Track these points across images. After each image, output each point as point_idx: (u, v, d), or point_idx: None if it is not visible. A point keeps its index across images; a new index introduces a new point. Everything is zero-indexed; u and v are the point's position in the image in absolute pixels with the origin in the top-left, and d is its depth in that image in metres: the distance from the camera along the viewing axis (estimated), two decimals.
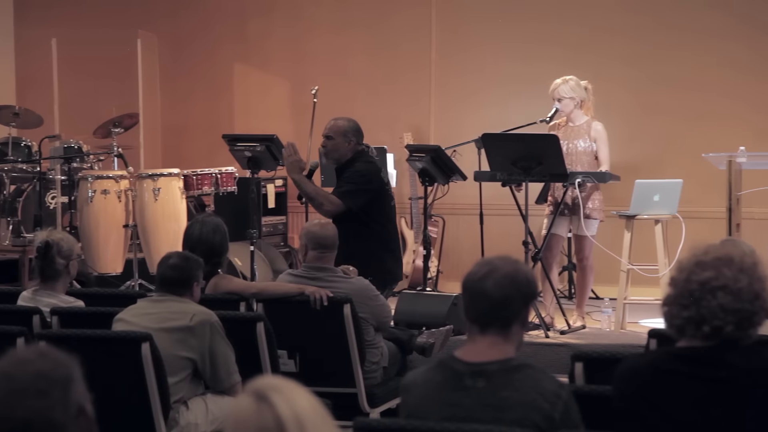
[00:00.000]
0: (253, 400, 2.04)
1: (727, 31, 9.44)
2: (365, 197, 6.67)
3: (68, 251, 5.33)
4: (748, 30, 9.41)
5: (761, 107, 9.30)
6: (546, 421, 2.96)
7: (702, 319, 2.93)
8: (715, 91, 9.43)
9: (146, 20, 10.84)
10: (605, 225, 7.96)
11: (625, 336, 7.65)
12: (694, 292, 2.94)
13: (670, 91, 9.53)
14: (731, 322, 2.92)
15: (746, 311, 2.92)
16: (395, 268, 6.88)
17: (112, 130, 9.62)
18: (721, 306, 2.91)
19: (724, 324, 2.91)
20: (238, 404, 2.07)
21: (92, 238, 8.73)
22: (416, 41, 10.22)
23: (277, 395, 2.04)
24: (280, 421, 2.01)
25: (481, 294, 3.08)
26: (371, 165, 6.86)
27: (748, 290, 2.93)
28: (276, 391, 2.05)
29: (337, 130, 6.83)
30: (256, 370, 5.02)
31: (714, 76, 9.45)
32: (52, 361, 2.16)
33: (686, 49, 9.51)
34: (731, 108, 9.38)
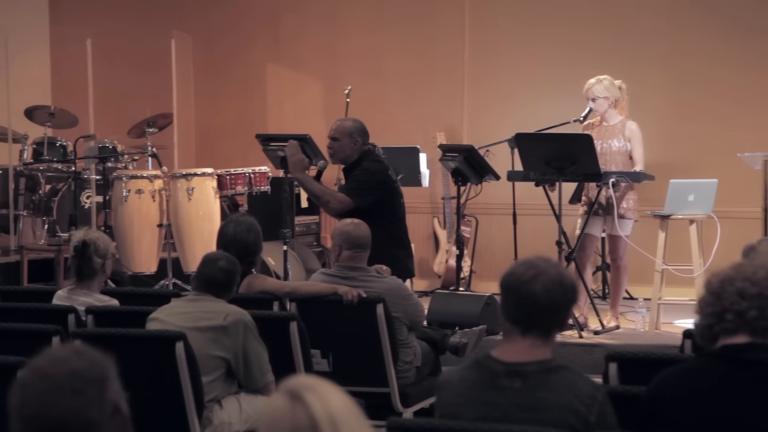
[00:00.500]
0: (287, 400, 2.04)
1: (761, 30, 9.37)
2: (374, 195, 6.64)
3: (104, 250, 5.36)
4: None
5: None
6: (581, 423, 2.94)
7: (723, 309, 2.94)
8: (751, 90, 9.37)
9: (180, 20, 10.89)
10: (639, 225, 7.92)
11: (659, 336, 7.61)
12: (715, 290, 2.96)
13: (704, 91, 9.48)
14: (753, 307, 2.91)
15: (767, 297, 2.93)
16: (409, 263, 6.86)
17: (146, 130, 9.68)
18: (740, 291, 2.92)
19: (746, 309, 2.91)
20: (272, 403, 2.07)
21: (126, 237, 8.78)
22: (450, 41, 10.21)
23: (311, 394, 2.04)
24: (314, 420, 2.01)
25: (528, 297, 3.05)
26: (379, 163, 6.85)
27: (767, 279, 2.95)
28: (310, 391, 2.04)
29: (342, 131, 6.80)
30: (290, 370, 5.03)
31: (749, 76, 9.39)
32: (88, 359, 2.17)
33: (720, 49, 9.46)
34: (767, 107, 9.31)
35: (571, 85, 8.69)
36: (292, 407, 2.02)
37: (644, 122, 8.18)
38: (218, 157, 10.53)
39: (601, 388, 3.07)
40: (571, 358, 7.08)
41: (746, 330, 2.92)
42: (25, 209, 9.54)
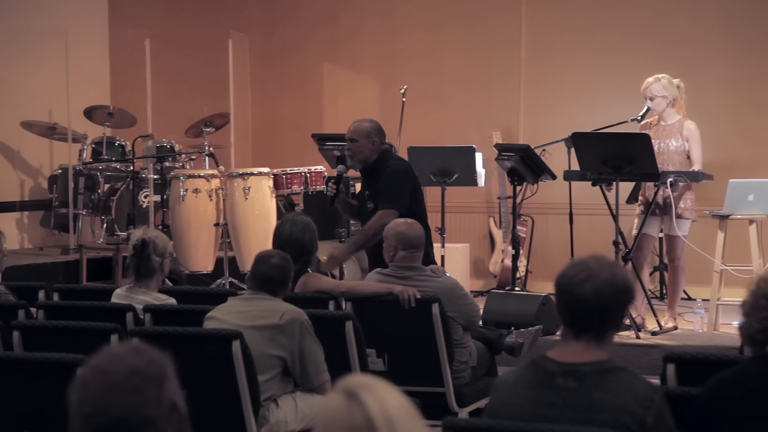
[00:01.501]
0: (344, 399, 2.04)
1: None
2: (407, 194, 6.63)
3: (163, 249, 5.41)
4: None
5: None
6: (638, 424, 2.91)
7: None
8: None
9: (238, 20, 10.95)
10: (698, 225, 7.85)
11: (718, 337, 7.53)
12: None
13: (763, 90, 9.36)
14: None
15: None
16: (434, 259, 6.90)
17: (203, 130, 9.75)
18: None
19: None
20: (329, 402, 2.07)
21: (184, 236, 8.85)
22: (506, 44, 10.17)
23: (367, 394, 2.04)
24: (370, 419, 2.01)
25: (578, 301, 3.03)
26: (402, 161, 6.86)
27: None
28: (366, 390, 2.05)
29: (360, 132, 6.74)
30: (345, 369, 5.04)
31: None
32: (146, 357, 2.19)
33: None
34: None
35: (629, 90, 8.63)
36: (348, 406, 2.03)
37: (703, 121, 8.10)
38: (274, 157, 10.58)
39: (658, 389, 3.04)
40: (628, 358, 7.03)
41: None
42: (84, 208, 9.65)
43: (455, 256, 9.37)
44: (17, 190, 10.31)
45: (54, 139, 10.10)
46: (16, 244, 10.16)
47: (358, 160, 6.73)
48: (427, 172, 8.48)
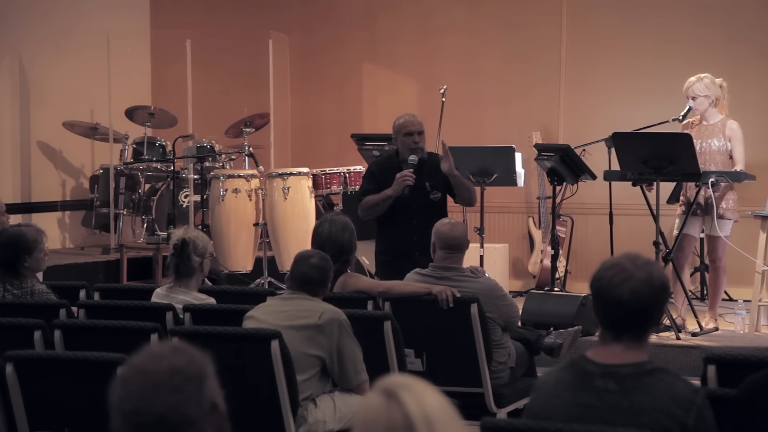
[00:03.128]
0: (383, 398, 2.04)
1: None
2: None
3: (203, 249, 5.44)
4: None
5: None
6: (679, 426, 2.89)
7: None
8: None
9: (277, 21, 10.97)
10: (739, 225, 7.79)
11: (759, 339, 7.48)
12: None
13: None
14: None
15: None
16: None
17: (243, 130, 9.78)
18: None
19: None
20: (368, 402, 2.07)
21: (223, 236, 8.89)
22: (547, 40, 10.14)
23: (406, 393, 2.04)
24: (409, 419, 2.01)
25: (617, 303, 3.00)
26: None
27: None
28: (405, 390, 2.05)
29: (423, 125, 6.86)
30: (384, 369, 5.04)
31: None
32: (186, 357, 2.20)
33: None
34: None
35: (669, 93, 8.58)
36: (387, 406, 2.03)
37: (745, 121, 8.04)
38: (314, 157, 10.60)
39: (700, 391, 3.01)
40: (668, 359, 6.99)
41: None
42: (125, 208, 9.71)
43: (494, 256, 9.35)
44: (59, 190, 10.39)
45: (95, 139, 10.17)
46: (57, 244, 10.25)
47: (424, 152, 6.81)
48: (467, 171, 8.45)
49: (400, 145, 6.82)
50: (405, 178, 6.63)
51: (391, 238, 6.77)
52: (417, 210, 6.69)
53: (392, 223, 6.76)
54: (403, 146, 6.79)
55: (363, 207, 6.79)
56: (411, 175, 6.64)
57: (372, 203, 6.74)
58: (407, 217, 6.71)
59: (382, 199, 6.70)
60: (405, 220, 6.71)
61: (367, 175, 6.95)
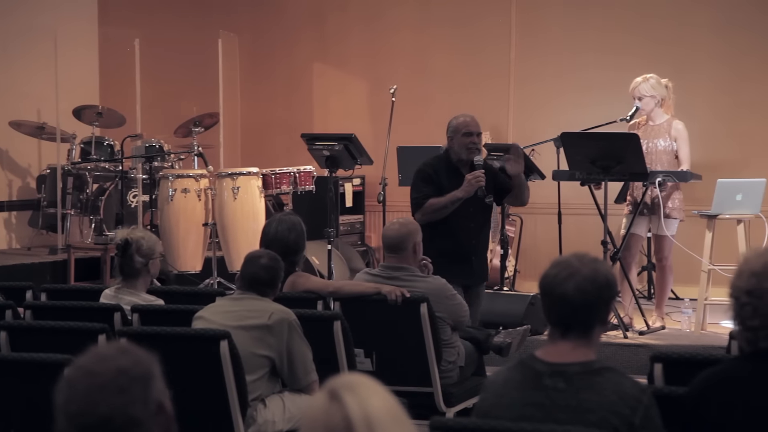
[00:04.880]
0: (326, 398, 2.04)
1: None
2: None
3: (148, 250, 5.39)
4: None
5: None
6: (625, 425, 2.92)
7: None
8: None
9: (227, 20, 10.94)
10: (686, 225, 7.87)
11: (705, 337, 7.56)
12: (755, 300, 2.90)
13: (753, 91, 9.39)
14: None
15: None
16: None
17: (192, 130, 9.74)
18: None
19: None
20: (312, 402, 2.07)
21: (172, 236, 8.84)
22: (495, 43, 10.18)
23: (349, 394, 2.03)
24: (348, 421, 2.01)
25: (562, 299, 3.04)
26: None
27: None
28: (350, 391, 2.04)
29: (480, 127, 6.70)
30: (333, 369, 5.04)
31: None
32: (133, 358, 2.19)
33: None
34: None
35: (616, 87, 8.65)
36: (329, 407, 2.02)
37: (691, 121, 8.13)
38: (264, 157, 10.57)
39: (647, 390, 3.04)
40: (615, 358, 7.05)
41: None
42: (73, 208, 9.63)
43: None
44: (5, 190, 10.28)
45: (43, 138, 10.07)
46: (3, 244, 10.15)
47: (481, 151, 6.65)
48: None
49: (456, 145, 6.57)
50: (478, 179, 6.39)
51: (449, 242, 6.45)
52: (474, 213, 6.53)
53: (448, 227, 6.48)
54: (460, 146, 6.54)
55: (426, 211, 6.44)
56: (482, 176, 6.43)
57: (439, 206, 6.43)
58: (466, 221, 6.49)
59: (451, 201, 6.41)
60: (463, 224, 6.49)
61: (422, 178, 6.57)
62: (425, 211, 6.45)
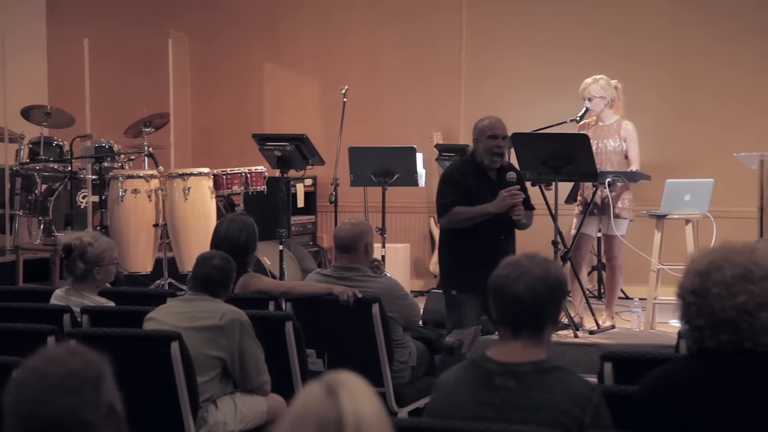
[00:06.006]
0: (323, 392, 2.05)
1: (758, 32, 9.38)
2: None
3: (93, 257, 5.27)
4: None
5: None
6: (575, 424, 2.94)
7: (715, 320, 2.91)
8: (747, 90, 9.39)
9: (177, 20, 10.88)
10: (635, 225, 7.93)
11: (654, 336, 7.62)
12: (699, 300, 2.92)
13: (701, 91, 9.49)
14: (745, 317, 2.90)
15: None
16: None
17: (142, 130, 9.67)
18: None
19: (737, 318, 2.90)
20: (308, 391, 2.07)
21: (122, 237, 8.78)
22: (447, 40, 10.22)
23: (346, 393, 2.04)
24: (340, 419, 2.02)
25: (512, 299, 3.06)
26: None
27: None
28: (347, 390, 2.05)
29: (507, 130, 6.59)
30: (285, 370, 5.05)
31: (745, 76, 9.40)
32: (83, 359, 2.18)
33: (717, 51, 9.47)
34: (763, 107, 9.33)
35: (569, 83, 8.70)
36: (324, 401, 2.03)
37: (641, 122, 8.19)
38: (215, 157, 10.54)
39: (596, 389, 3.06)
40: (566, 357, 7.09)
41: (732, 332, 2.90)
42: (21, 209, 9.53)
43: (396, 256, 9.40)
44: None
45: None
46: None
47: (504, 156, 6.55)
48: (368, 172, 8.50)
49: (481, 147, 6.51)
50: (514, 197, 6.35)
51: (474, 248, 6.42)
52: (503, 224, 6.50)
53: (476, 233, 6.44)
54: (485, 148, 6.48)
55: (453, 219, 6.42)
56: (519, 193, 6.39)
57: (467, 217, 6.40)
58: (495, 230, 6.46)
59: (480, 214, 6.37)
60: (493, 233, 6.45)
61: (450, 183, 6.53)
62: (452, 218, 6.44)
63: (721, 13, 9.49)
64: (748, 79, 9.39)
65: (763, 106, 9.34)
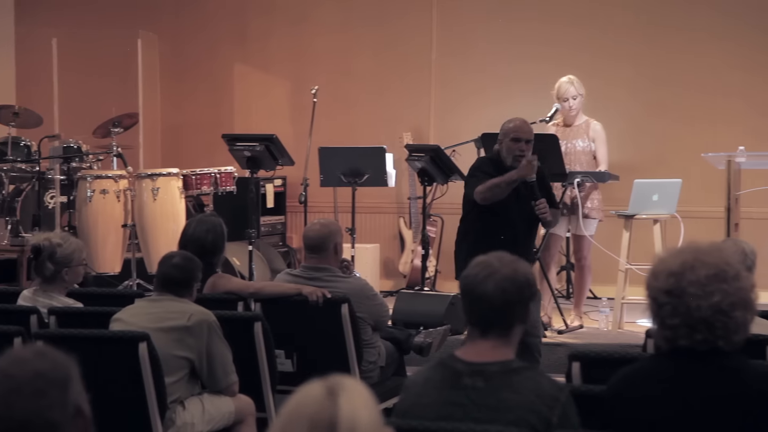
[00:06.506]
0: (323, 391, 2.04)
1: (725, 31, 9.44)
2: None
3: (62, 258, 5.25)
4: (746, 30, 9.41)
5: (760, 107, 9.31)
6: (543, 423, 2.95)
7: (691, 320, 2.92)
8: (714, 91, 9.44)
9: (147, 20, 10.84)
10: (604, 225, 7.97)
11: (622, 336, 7.66)
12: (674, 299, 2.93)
13: (669, 91, 9.54)
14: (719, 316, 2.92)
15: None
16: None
17: (111, 130, 9.62)
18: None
19: (711, 318, 2.91)
20: (308, 388, 2.07)
21: (91, 237, 8.73)
22: (417, 41, 10.23)
23: (346, 397, 2.04)
24: (334, 422, 2.02)
25: (481, 298, 3.07)
26: None
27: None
28: (347, 394, 2.05)
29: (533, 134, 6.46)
30: (254, 370, 5.04)
31: (713, 76, 9.46)
32: (50, 360, 2.17)
33: (685, 50, 9.52)
34: (730, 108, 9.39)
35: (538, 81, 8.73)
36: (323, 400, 2.03)
37: (610, 121, 8.24)
38: (184, 157, 10.50)
39: (564, 388, 3.08)
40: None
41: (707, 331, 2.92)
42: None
43: (365, 256, 9.41)
44: None
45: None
46: None
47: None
48: (338, 172, 8.50)
49: (504, 149, 6.39)
50: (532, 163, 6.23)
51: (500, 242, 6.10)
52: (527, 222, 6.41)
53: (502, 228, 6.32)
54: (508, 151, 6.36)
55: (483, 189, 6.26)
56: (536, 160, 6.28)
57: (494, 184, 6.25)
58: (518, 226, 6.36)
59: (506, 182, 6.25)
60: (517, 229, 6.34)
61: (477, 167, 6.51)
62: (481, 190, 6.30)
63: (690, 14, 9.54)
64: (715, 79, 9.45)
65: (730, 107, 9.39)
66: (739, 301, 2.89)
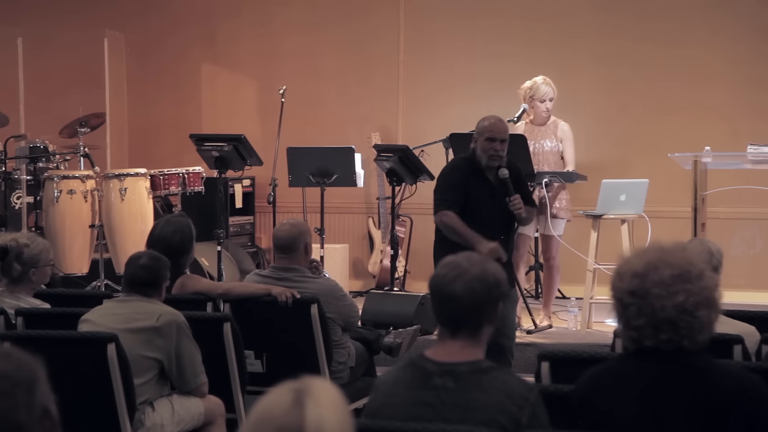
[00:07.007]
0: (290, 398, 2.03)
1: (692, 32, 9.50)
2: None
3: (30, 258, 5.23)
4: (712, 32, 9.47)
5: (726, 108, 9.37)
6: (512, 423, 2.96)
7: (656, 320, 2.93)
8: (681, 91, 9.49)
9: (114, 20, 10.78)
10: (572, 225, 8.00)
11: (591, 335, 7.68)
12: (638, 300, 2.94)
13: (636, 92, 9.58)
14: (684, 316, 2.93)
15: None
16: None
17: (78, 130, 9.57)
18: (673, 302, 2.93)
19: (677, 318, 2.92)
20: (275, 393, 2.05)
21: (58, 238, 8.68)
22: (385, 41, 10.23)
23: (312, 404, 2.03)
24: (301, 429, 2.01)
25: (450, 299, 3.07)
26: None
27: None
28: (313, 399, 2.04)
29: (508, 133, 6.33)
30: (223, 371, 5.02)
31: (680, 77, 9.50)
32: (16, 362, 2.15)
33: (652, 50, 9.56)
34: (697, 108, 9.44)
35: (505, 79, 8.74)
36: (289, 407, 2.02)
37: (577, 122, 8.27)
38: (152, 158, 10.45)
39: (534, 388, 3.08)
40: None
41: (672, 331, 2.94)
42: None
43: (334, 256, 9.40)
44: None
45: None
46: None
47: (503, 159, 6.25)
48: (306, 172, 8.49)
49: (479, 148, 6.22)
50: (498, 253, 5.92)
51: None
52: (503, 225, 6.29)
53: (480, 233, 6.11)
54: (482, 150, 6.19)
55: (443, 223, 6.18)
56: (503, 254, 6.00)
57: (455, 231, 6.12)
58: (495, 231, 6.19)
59: (467, 241, 6.01)
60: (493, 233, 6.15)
61: (448, 184, 6.27)
62: (443, 221, 6.19)
63: (655, 17, 9.58)
64: (682, 79, 9.49)
65: (697, 107, 9.44)
66: (703, 300, 2.91)
